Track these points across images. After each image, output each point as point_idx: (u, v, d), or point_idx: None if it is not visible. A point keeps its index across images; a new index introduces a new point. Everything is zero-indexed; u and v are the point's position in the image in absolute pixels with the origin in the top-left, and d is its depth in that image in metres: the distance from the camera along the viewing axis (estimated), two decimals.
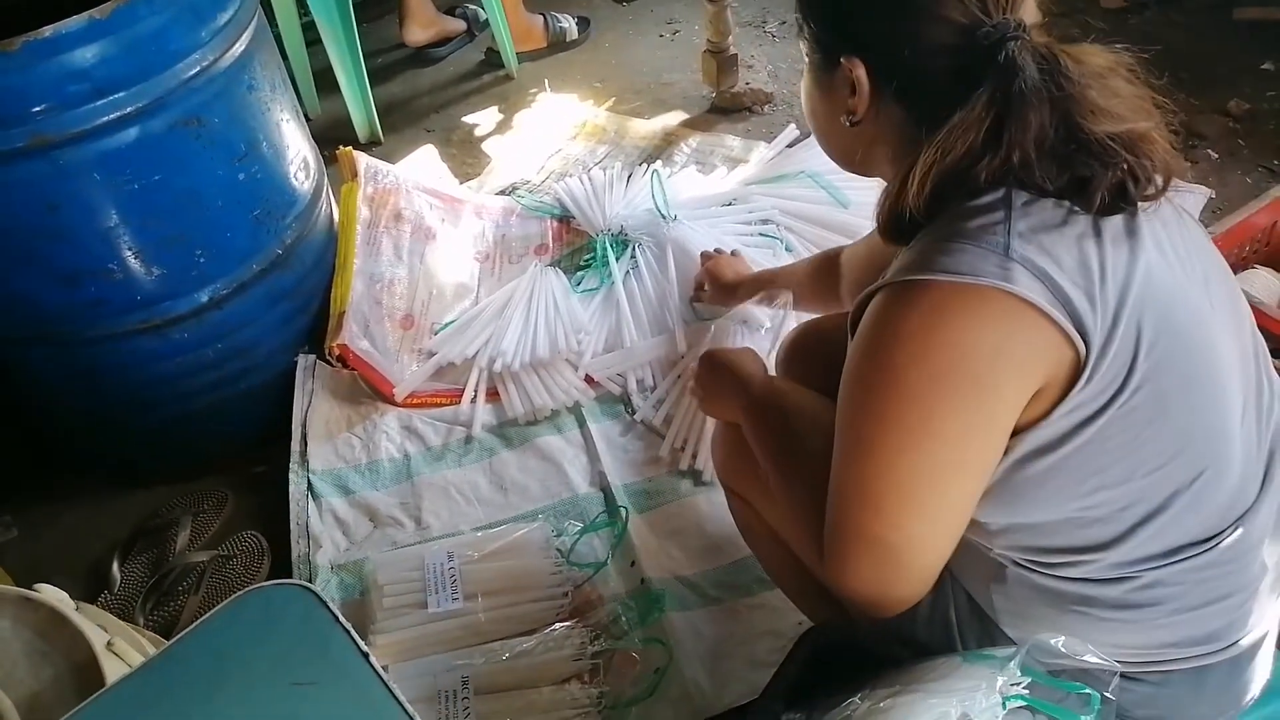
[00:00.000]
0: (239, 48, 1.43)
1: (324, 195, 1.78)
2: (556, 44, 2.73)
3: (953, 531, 0.80)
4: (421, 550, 1.43)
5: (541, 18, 2.70)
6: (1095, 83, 0.76)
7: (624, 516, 1.48)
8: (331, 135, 2.36)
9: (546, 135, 2.40)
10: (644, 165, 2.17)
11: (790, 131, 2.18)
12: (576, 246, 1.99)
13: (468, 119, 2.53)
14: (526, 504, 1.55)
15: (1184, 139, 2.07)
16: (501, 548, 1.42)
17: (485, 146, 2.42)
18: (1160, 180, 0.78)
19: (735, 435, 1.10)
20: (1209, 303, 0.80)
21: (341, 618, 0.75)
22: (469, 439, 1.66)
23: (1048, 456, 0.77)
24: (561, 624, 1.35)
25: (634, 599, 1.38)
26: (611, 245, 1.90)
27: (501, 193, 2.19)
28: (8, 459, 1.72)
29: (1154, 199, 0.78)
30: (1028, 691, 0.77)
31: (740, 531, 1.20)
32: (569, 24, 2.73)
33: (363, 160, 1.91)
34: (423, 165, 2.36)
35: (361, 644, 0.74)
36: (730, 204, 1.98)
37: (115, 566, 1.53)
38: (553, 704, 1.25)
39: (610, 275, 1.84)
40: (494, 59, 2.67)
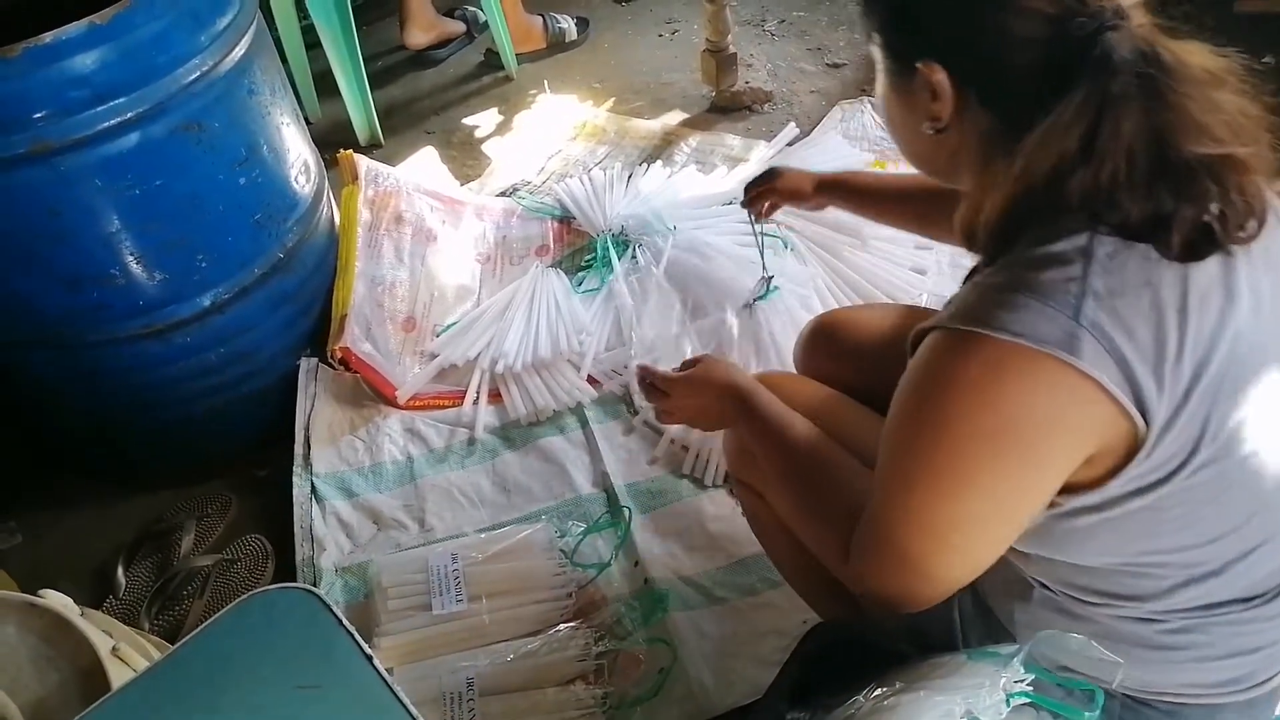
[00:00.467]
0: (239, 52, 1.44)
1: (325, 198, 1.79)
2: (556, 45, 2.73)
3: (985, 563, 0.78)
4: (425, 552, 1.44)
5: (541, 19, 2.70)
6: (1196, 92, 0.68)
7: (627, 517, 1.48)
8: (332, 138, 2.36)
9: (546, 136, 2.40)
10: (644, 165, 2.17)
11: (790, 130, 2.19)
12: (577, 247, 1.99)
13: (468, 121, 2.53)
14: (530, 505, 1.55)
15: None
16: (505, 549, 1.42)
17: (485, 148, 2.43)
18: (1255, 224, 0.70)
19: None
20: None
21: (345, 621, 0.75)
22: (472, 440, 1.66)
23: (1096, 514, 0.74)
24: (566, 625, 1.35)
25: (638, 599, 1.38)
26: (613, 245, 1.89)
27: (502, 194, 2.19)
28: (11, 464, 1.72)
29: (1245, 243, 0.70)
30: (1032, 688, 0.76)
31: (748, 522, 1.19)
32: (568, 24, 2.73)
33: (363, 163, 1.91)
34: (423, 167, 2.36)
35: (366, 647, 0.74)
36: (731, 203, 1.98)
37: (120, 571, 1.53)
38: (558, 705, 1.25)
39: (612, 275, 1.84)
40: (494, 60, 2.67)
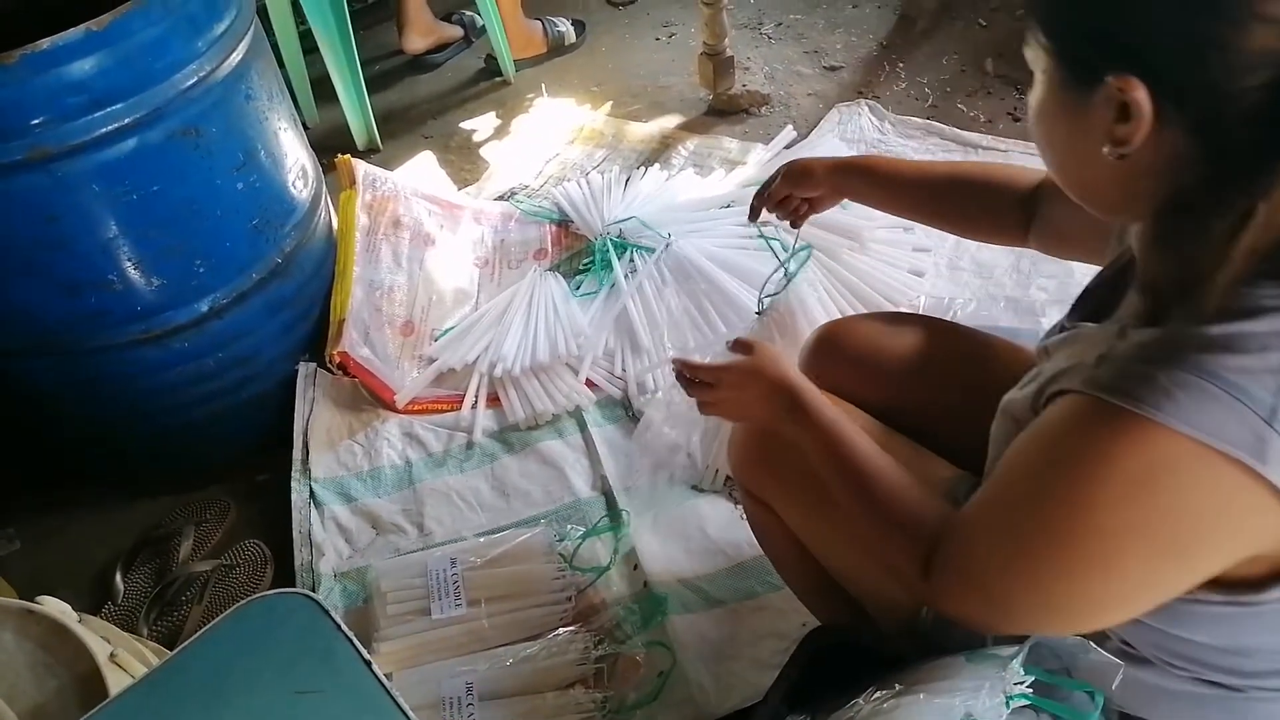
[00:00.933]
0: (236, 57, 1.44)
1: (323, 203, 1.79)
2: (555, 49, 2.73)
3: (1084, 629, 0.73)
4: (424, 557, 1.44)
5: (540, 24, 2.70)
6: None
7: (626, 520, 1.48)
8: (329, 143, 2.36)
9: (544, 140, 2.40)
10: (642, 168, 2.17)
11: (788, 133, 2.19)
12: (575, 251, 1.99)
13: (465, 125, 2.53)
14: (528, 509, 1.55)
15: None
16: (504, 553, 1.42)
17: (483, 152, 2.43)
18: None
19: (756, 438, 1.06)
20: None
21: (344, 626, 0.75)
22: (470, 445, 1.66)
23: (1237, 607, 0.68)
24: (565, 629, 1.35)
25: (637, 603, 1.38)
26: (612, 248, 1.89)
27: (500, 198, 2.19)
28: (9, 470, 1.72)
29: None
30: (1031, 690, 0.76)
31: (755, 534, 1.17)
32: (566, 28, 2.74)
33: (361, 168, 1.92)
34: (421, 172, 2.37)
35: (364, 652, 0.74)
36: (729, 206, 1.98)
37: (118, 577, 1.53)
38: (557, 709, 1.25)
39: (610, 279, 1.84)
40: (493, 65, 2.67)
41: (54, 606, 0.97)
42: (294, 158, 1.63)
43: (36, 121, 1.23)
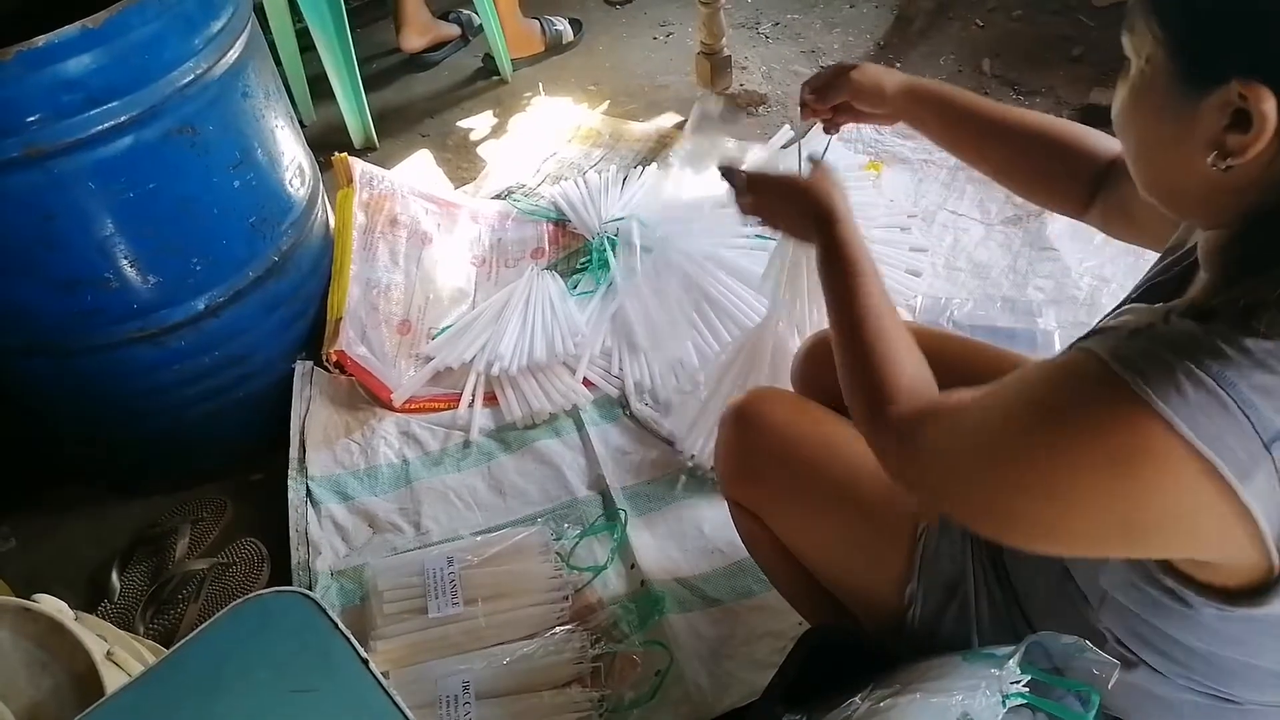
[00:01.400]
0: (232, 55, 1.43)
1: (319, 202, 1.78)
2: (553, 48, 2.73)
3: (1018, 537, 0.74)
4: (421, 555, 1.43)
5: (537, 23, 2.70)
6: None
7: (623, 519, 1.48)
8: (326, 141, 2.36)
9: (541, 139, 2.40)
10: (639, 168, 2.17)
11: (785, 133, 2.19)
12: (572, 250, 1.99)
13: (462, 124, 2.53)
14: (525, 508, 1.55)
15: None
16: (501, 552, 1.42)
17: (480, 151, 2.42)
18: None
19: (740, 445, 1.07)
20: None
21: (341, 625, 0.75)
22: (467, 443, 1.66)
23: (1215, 611, 0.68)
24: (562, 628, 1.35)
25: (634, 601, 1.38)
26: (609, 247, 1.89)
27: (497, 197, 2.19)
28: (6, 469, 1.71)
29: None
30: (1028, 689, 0.77)
31: (744, 543, 1.17)
32: (564, 27, 2.73)
33: (358, 166, 1.91)
34: (418, 170, 2.36)
35: (361, 651, 0.74)
36: (726, 204, 1.98)
37: (115, 575, 1.53)
38: (554, 708, 1.25)
39: (607, 278, 1.84)
40: (490, 64, 2.67)
41: (50, 604, 0.97)
42: (291, 156, 1.63)
43: (32, 119, 1.22)
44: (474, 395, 1.72)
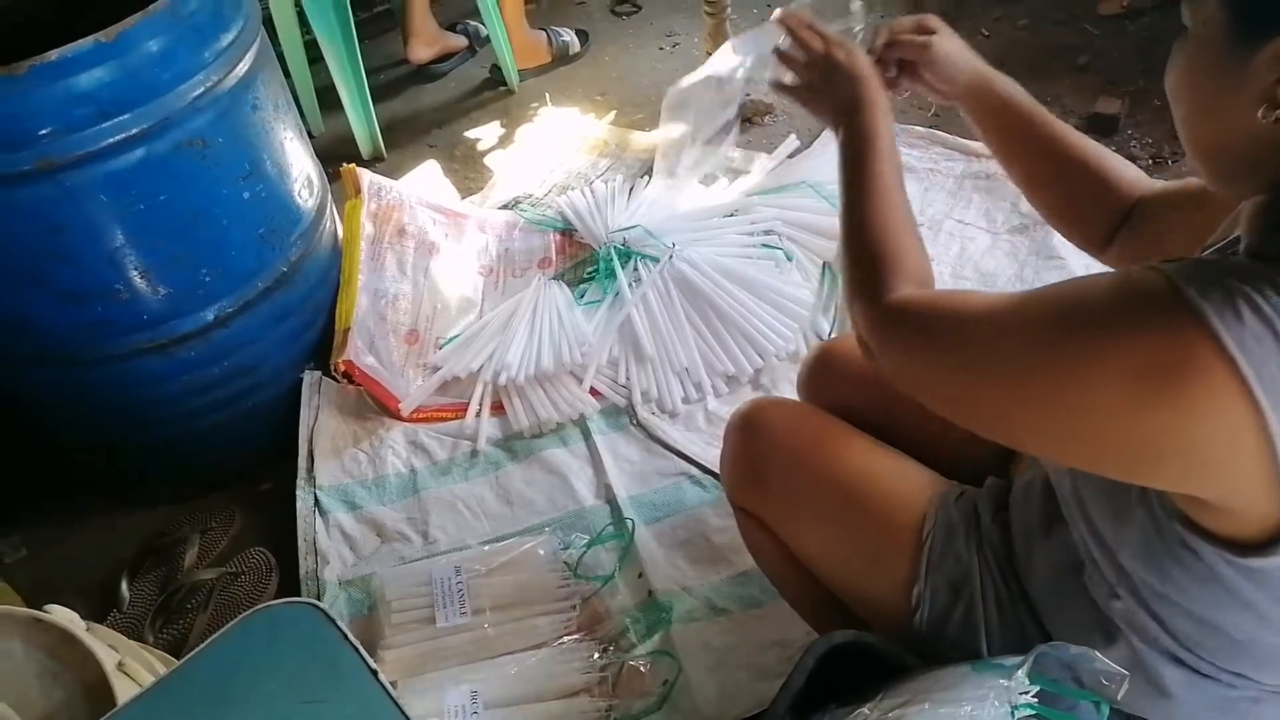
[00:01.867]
0: (242, 68, 1.44)
1: (328, 212, 1.79)
2: (560, 58, 2.74)
3: (993, 434, 0.75)
4: (429, 565, 1.44)
5: (544, 33, 2.71)
6: None
7: (630, 528, 1.48)
8: (335, 152, 2.37)
9: (548, 149, 2.41)
10: (645, 177, 2.18)
11: (791, 142, 2.19)
12: (579, 259, 1.99)
13: (470, 134, 2.54)
14: (533, 517, 1.55)
15: None
16: (508, 561, 1.42)
17: (487, 161, 2.44)
18: None
19: (746, 452, 1.08)
20: None
21: (350, 635, 0.75)
22: (475, 453, 1.66)
23: (1227, 565, 0.69)
24: (569, 637, 1.35)
25: (642, 611, 1.38)
26: (616, 257, 1.90)
27: (504, 207, 2.20)
28: (16, 480, 1.72)
29: None
30: (1037, 700, 0.76)
31: (750, 551, 1.18)
32: (571, 38, 2.75)
33: (366, 177, 1.92)
34: (426, 181, 2.37)
35: (370, 661, 0.74)
36: (733, 214, 1.99)
37: (124, 585, 1.53)
38: (562, 717, 1.25)
39: (614, 288, 1.84)
40: (497, 75, 2.68)
41: (62, 615, 0.98)
42: (300, 167, 1.64)
43: (44, 132, 1.24)
44: (481, 405, 1.72)
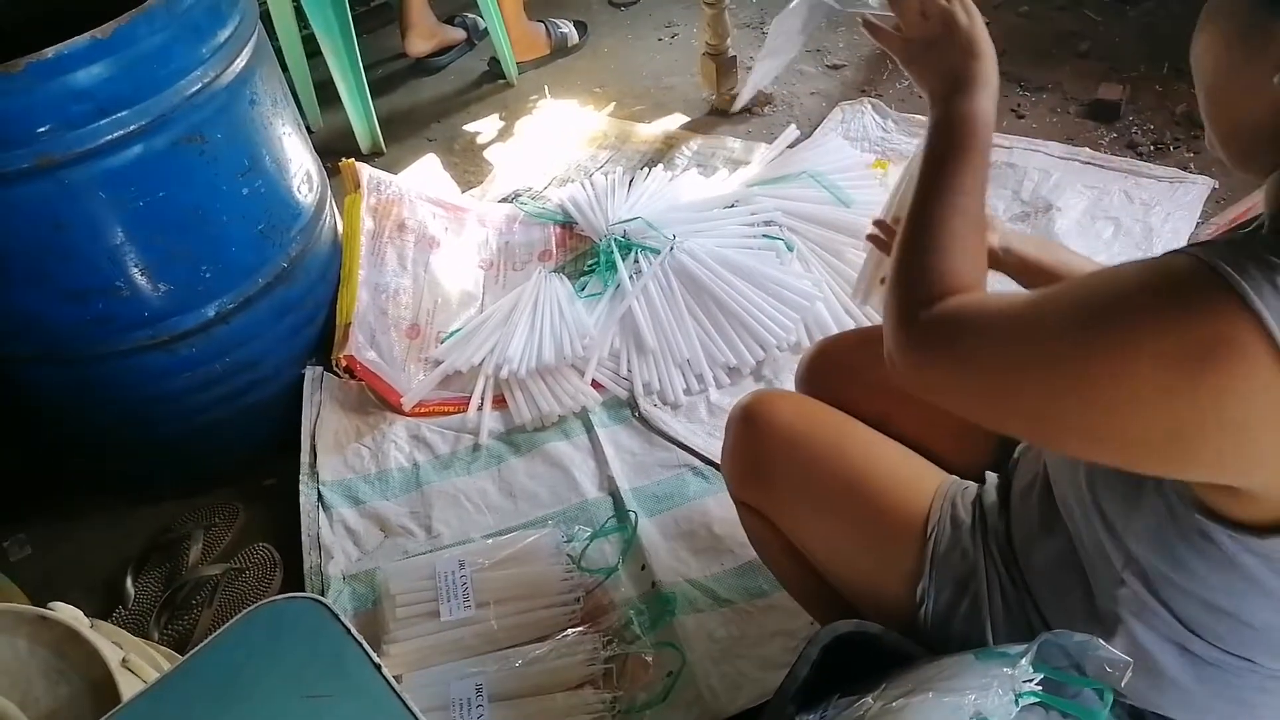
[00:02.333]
0: (240, 63, 1.44)
1: (328, 207, 1.79)
2: (559, 51, 2.74)
3: (1029, 436, 0.75)
4: (433, 559, 1.44)
5: (543, 25, 2.70)
6: None
7: (633, 520, 1.48)
8: (334, 147, 2.37)
9: (548, 142, 2.40)
10: (645, 169, 2.17)
11: (791, 132, 2.19)
12: (580, 252, 1.99)
13: (469, 128, 2.54)
14: (536, 510, 1.55)
15: (1186, 129, 2.07)
16: (512, 554, 1.42)
17: (487, 154, 2.43)
18: None
19: (748, 446, 1.07)
20: None
21: (354, 630, 0.76)
22: (477, 446, 1.66)
23: (1242, 550, 0.69)
24: (574, 629, 1.35)
25: (645, 603, 1.38)
26: (616, 249, 1.90)
27: (504, 200, 2.20)
28: (20, 478, 1.73)
29: None
30: (1040, 688, 0.76)
31: (752, 544, 1.18)
32: (569, 29, 2.74)
33: (365, 171, 1.92)
34: (425, 175, 2.37)
35: (374, 655, 0.74)
36: (733, 205, 1.98)
37: (129, 582, 1.53)
38: (567, 709, 1.25)
39: (615, 280, 1.84)
40: (496, 67, 2.68)
41: (67, 612, 0.98)
42: (299, 162, 1.64)
43: (43, 129, 1.23)
44: (483, 398, 1.72)
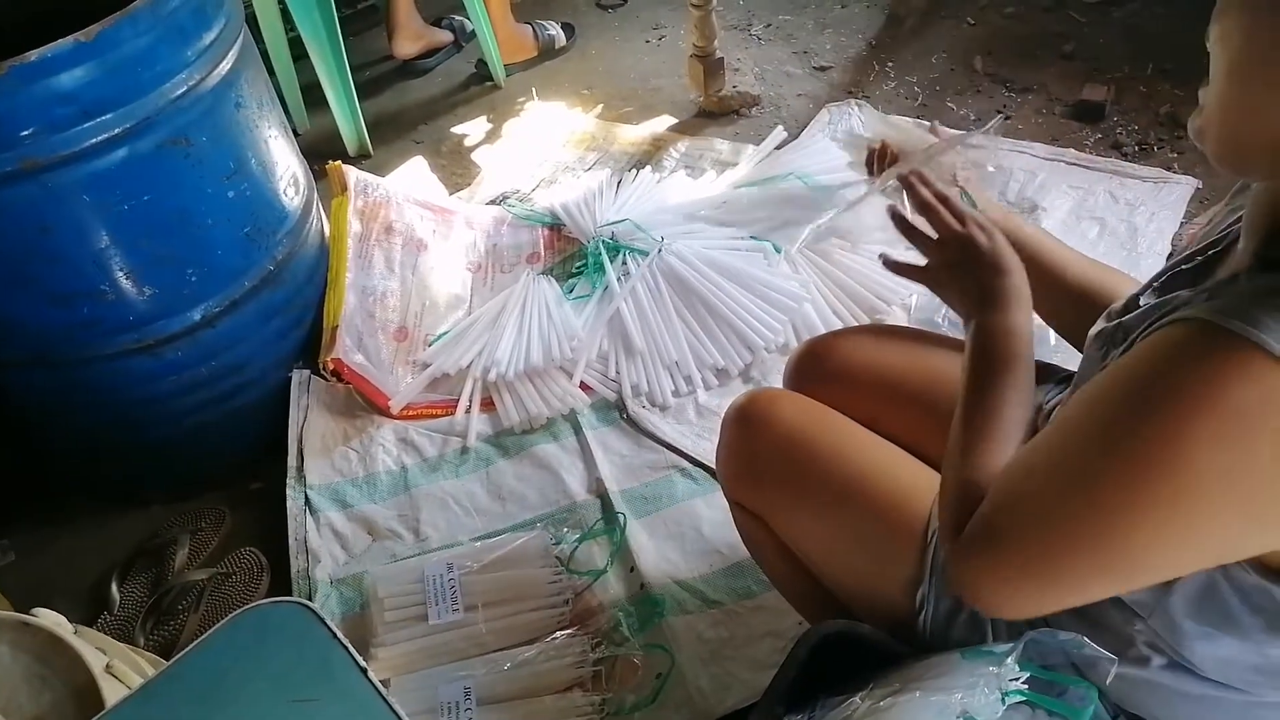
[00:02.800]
0: (225, 66, 1.43)
1: (314, 210, 1.78)
2: (546, 53, 2.74)
3: (1118, 590, 0.70)
4: (421, 562, 1.44)
5: (530, 27, 2.70)
6: None
7: (622, 522, 1.48)
8: (321, 150, 2.36)
9: (535, 144, 2.40)
10: (633, 171, 2.17)
11: (778, 133, 2.19)
12: (568, 254, 1.99)
13: (456, 130, 2.53)
14: (524, 513, 1.55)
15: (1170, 130, 2.08)
16: (500, 557, 1.42)
17: (475, 157, 2.43)
18: None
19: (744, 446, 1.06)
20: None
21: (339, 634, 0.75)
22: (465, 449, 1.66)
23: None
24: (562, 632, 1.35)
25: (634, 604, 1.38)
26: (605, 251, 1.90)
27: (492, 202, 2.20)
28: (4, 483, 1.71)
29: None
30: (1027, 686, 0.77)
31: (746, 545, 1.16)
32: (556, 31, 2.74)
33: (352, 174, 1.92)
34: (413, 177, 2.37)
35: (360, 660, 0.74)
36: (722, 205, 1.98)
37: (114, 587, 1.52)
38: (556, 712, 1.25)
39: (603, 282, 1.84)
40: (483, 69, 2.67)
41: (49, 618, 0.97)
42: (285, 165, 1.63)
43: (26, 133, 1.23)
44: (471, 401, 1.72)
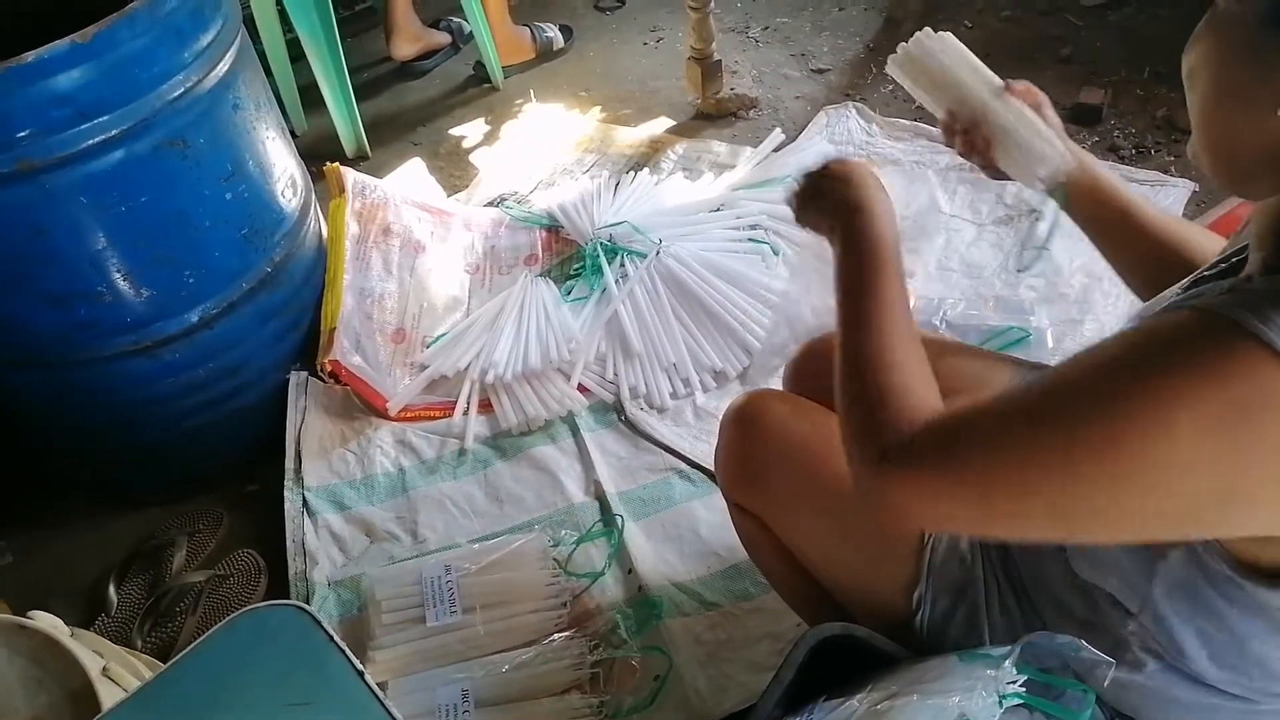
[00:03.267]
0: (223, 67, 1.43)
1: (312, 212, 1.78)
2: (544, 54, 2.74)
3: (1046, 536, 0.70)
4: (419, 564, 1.43)
5: (528, 29, 2.70)
6: None
7: (620, 524, 1.48)
8: (318, 151, 2.36)
9: (533, 146, 2.40)
10: (631, 173, 2.17)
11: (776, 136, 2.19)
12: (566, 256, 1.99)
13: (454, 132, 2.53)
14: (522, 515, 1.55)
15: (1166, 133, 2.08)
16: (498, 559, 1.42)
17: (472, 158, 2.43)
18: None
19: (742, 448, 1.06)
20: None
21: (336, 637, 0.75)
22: (463, 451, 1.66)
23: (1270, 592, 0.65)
24: (560, 634, 1.35)
25: (632, 607, 1.38)
26: (602, 253, 1.90)
27: (490, 204, 2.20)
28: (1, 484, 1.71)
29: None
30: (1024, 689, 0.77)
31: (744, 547, 1.16)
32: (554, 34, 2.74)
33: (350, 175, 1.91)
34: (410, 179, 2.36)
35: (357, 663, 0.74)
36: (719, 209, 1.99)
37: (112, 589, 1.52)
38: (553, 714, 1.25)
39: (601, 284, 1.84)
40: (481, 71, 2.67)
41: (45, 621, 0.97)
42: (282, 167, 1.63)
43: (23, 134, 1.22)
44: (469, 403, 1.72)
